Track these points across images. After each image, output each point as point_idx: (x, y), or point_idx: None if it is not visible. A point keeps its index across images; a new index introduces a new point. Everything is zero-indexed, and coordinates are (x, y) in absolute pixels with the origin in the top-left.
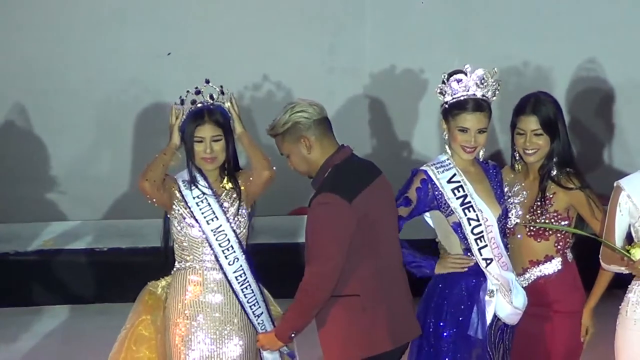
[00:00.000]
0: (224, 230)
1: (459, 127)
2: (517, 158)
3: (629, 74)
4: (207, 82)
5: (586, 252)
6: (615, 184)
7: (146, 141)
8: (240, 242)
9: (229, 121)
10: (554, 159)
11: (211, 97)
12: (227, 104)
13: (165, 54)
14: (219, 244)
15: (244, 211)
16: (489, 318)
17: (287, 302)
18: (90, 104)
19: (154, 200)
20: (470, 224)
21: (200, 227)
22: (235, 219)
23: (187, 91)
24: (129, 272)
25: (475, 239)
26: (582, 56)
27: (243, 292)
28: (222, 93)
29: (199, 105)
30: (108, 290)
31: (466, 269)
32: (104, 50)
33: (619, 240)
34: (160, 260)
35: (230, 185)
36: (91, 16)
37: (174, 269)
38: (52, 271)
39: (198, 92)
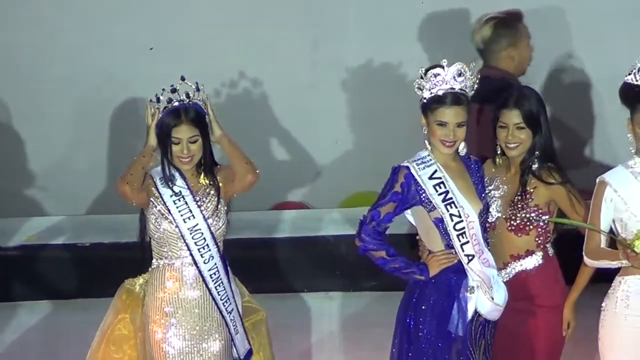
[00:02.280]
0: (200, 229)
1: (438, 121)
2: (498, 152)
3: (608, 67)
4: (183, 79)
5: (567, 247)
6: (598, 180)
7: (128, 136)
8: (215, 240)
9: (205, 118)
10: (536, 154)
11: (187, 95)
12: (204, 101)
13: (147, 48)
14: (195, 242)
15: (222, 207)
16: (469, 314)
17: (268, 297)
18: (72, 99)
19: (134, 202)
20: (452, 220)
21: (176, 225)
22: (213, 215)
23: (163, 89)
24: (112, 267)
25: (457, 235)
26: (561, 50)
27: (216, 289)
28: (198, 90)
29: (175, 104)
30: (90, 285)
31: (455, 262)
32: (85, 45)
33: (602, 236)
34: (138, 256)
35: (207, 181)
36: (75, 10)
37: (152, 266)
38: (33, 266)
39: (174, 91)
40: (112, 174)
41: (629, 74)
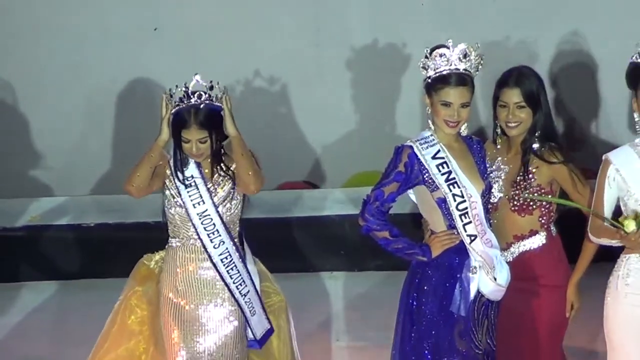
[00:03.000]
0: (209, 215)
1: (442, 101)
2: (499, 132)
3: (613, 47)
4: (197, 80)
5: (570, 226)
6: (603, 157)
7: (133, 117)
8: (226, 226)
9: (217, 114)
10: (536, 133)
11: (199, 96)
12: (218, 97)
13: (152, 32)
14: (204, 228)
15: (237, 194)
16: (471, 295)
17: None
18: (77, 80)
19: (141, 196)
20: (455, 200)
21: (186, 209)
22: (225, 202)
23: (176, 86)
24: (116, 247)
25: (460, 215)
26: (565, 29)
27: (229, 273)
28: (211, 89)
29: (186, 105)
30: (95, 265)
31: (457, 242)
32: (93, 27)
33: (607, 213)
34: (151, 235)
35: (221, 170)
36: None
37: (167, 244)
38: (39, 247)
39: (186, 89)
40: (118, 155)
41: (634, 55)
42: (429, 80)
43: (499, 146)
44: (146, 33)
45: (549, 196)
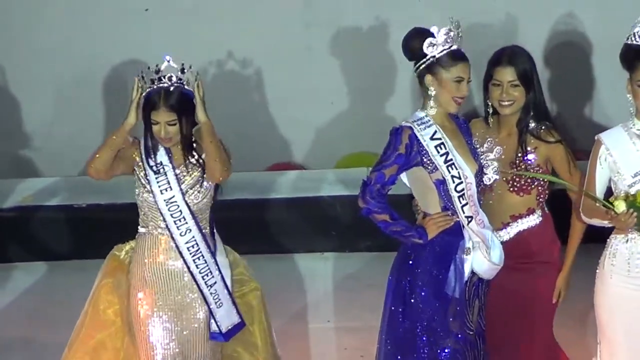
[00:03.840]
0: (176, 201)
1: (456, 78)
2: (490, 112)
3: (607, 28)
4: (168, 60)
5: (559, 206)
6: (596, 138)
7: (121, 98)
8: (193, 214)
9: (188, 99)
10: (530, 113)
11: (169, 78)
12: (190, 83)
13: (141, 11)
14: (171, 215)
15: (206, 183)
16: (465, 276)
17: (262, 258)
18: (67, 61)
19: (105, 179)
20: (454, 182)
21: (154, 195)
22: (193, 189)
23: (148, 67)
24: (108, 228)
25: (458, 197)
26: (560, 9)
27: (195, 262)
28: (183, 72)
29: (156, 87)
30: (86, 246)
31: (452, 224)
32: (81, 7)
33: (599, 194)
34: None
35: (192, 157)
36: None
37: (137, 233)
38: (29, 227)
39: (158, 72)
40: (107, 135)
41: (629, 36)
42: (434, 60)
43: (490, 125)
44: (138, 14)
45: (548, 175)
